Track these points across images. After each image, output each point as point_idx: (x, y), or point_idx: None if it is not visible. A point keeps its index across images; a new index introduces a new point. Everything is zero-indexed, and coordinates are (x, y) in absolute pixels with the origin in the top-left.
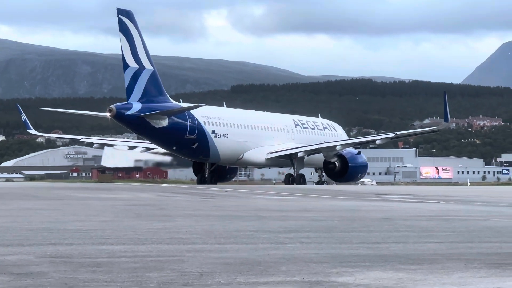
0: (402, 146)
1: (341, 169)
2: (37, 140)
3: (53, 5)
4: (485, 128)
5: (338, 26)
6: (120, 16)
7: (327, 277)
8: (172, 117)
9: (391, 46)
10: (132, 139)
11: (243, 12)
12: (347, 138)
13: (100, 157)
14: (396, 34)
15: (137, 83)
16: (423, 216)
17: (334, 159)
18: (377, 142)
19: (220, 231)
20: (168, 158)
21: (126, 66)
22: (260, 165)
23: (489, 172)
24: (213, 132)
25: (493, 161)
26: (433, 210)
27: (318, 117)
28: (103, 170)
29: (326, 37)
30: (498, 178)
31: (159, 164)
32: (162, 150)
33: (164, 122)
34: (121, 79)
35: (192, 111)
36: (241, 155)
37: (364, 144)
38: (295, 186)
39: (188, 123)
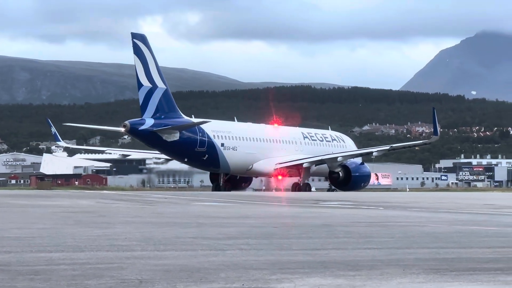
0: None
1: (344, 178)
2: None
3: None
4: (423, 135)
5: (273, 33)
6: (134, 39)
7: (267, 283)
8: (183, 131)
9: (327, 53)
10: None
11: (178, 19)
12: (356, 149)
13: (39, 164)
14: (332, 41)
15: (151, 100)
16: (362, 222)
17: (338, 169)
18: (374, 154)
19: (159, 238)
20: (107, 165)
21: (140, 85)
22: (269, 175)
23: (427, 178)
24: (222, 145)
25: (432, 167)
26: (372, 216)
27: (328, 129)
28: (42, 177)
29: (263, 43)
30: (437, 184)
31: (98, 171)
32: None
33: (176, 136)
34: (60, 86)
35: (203, 126)
36: (250, 166)
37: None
38: (235, 192)
39: (198, 137)
